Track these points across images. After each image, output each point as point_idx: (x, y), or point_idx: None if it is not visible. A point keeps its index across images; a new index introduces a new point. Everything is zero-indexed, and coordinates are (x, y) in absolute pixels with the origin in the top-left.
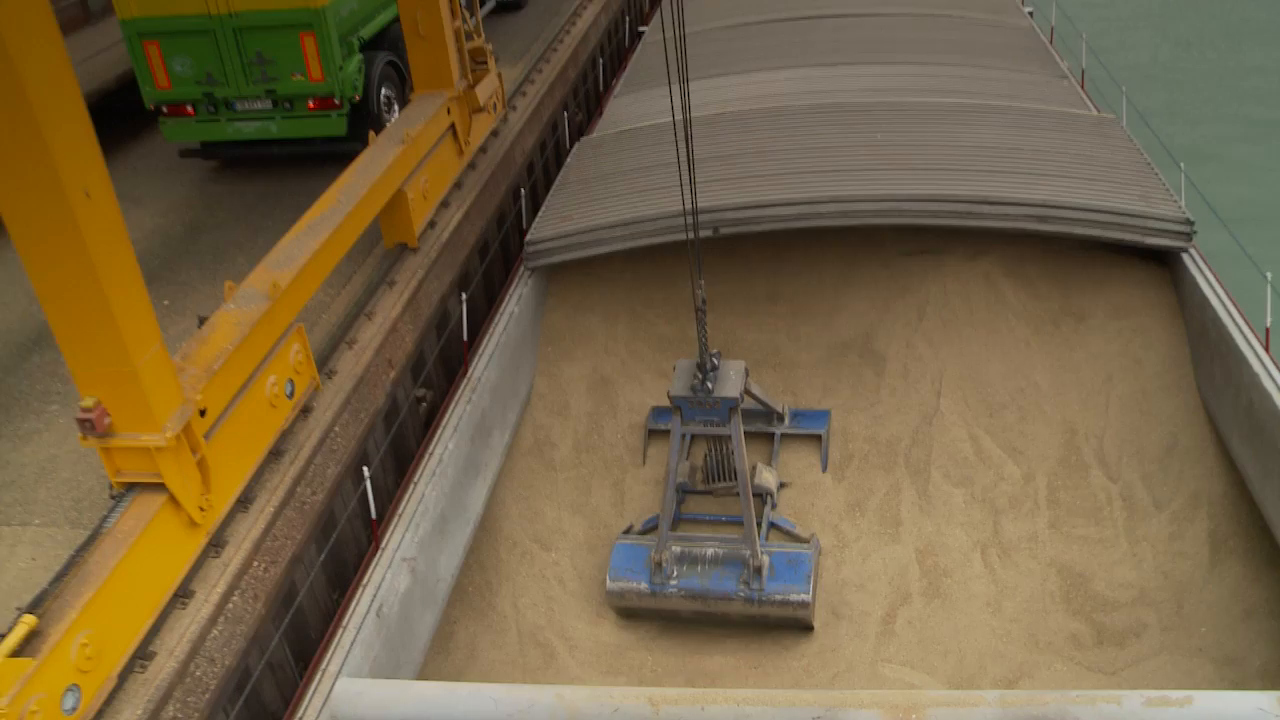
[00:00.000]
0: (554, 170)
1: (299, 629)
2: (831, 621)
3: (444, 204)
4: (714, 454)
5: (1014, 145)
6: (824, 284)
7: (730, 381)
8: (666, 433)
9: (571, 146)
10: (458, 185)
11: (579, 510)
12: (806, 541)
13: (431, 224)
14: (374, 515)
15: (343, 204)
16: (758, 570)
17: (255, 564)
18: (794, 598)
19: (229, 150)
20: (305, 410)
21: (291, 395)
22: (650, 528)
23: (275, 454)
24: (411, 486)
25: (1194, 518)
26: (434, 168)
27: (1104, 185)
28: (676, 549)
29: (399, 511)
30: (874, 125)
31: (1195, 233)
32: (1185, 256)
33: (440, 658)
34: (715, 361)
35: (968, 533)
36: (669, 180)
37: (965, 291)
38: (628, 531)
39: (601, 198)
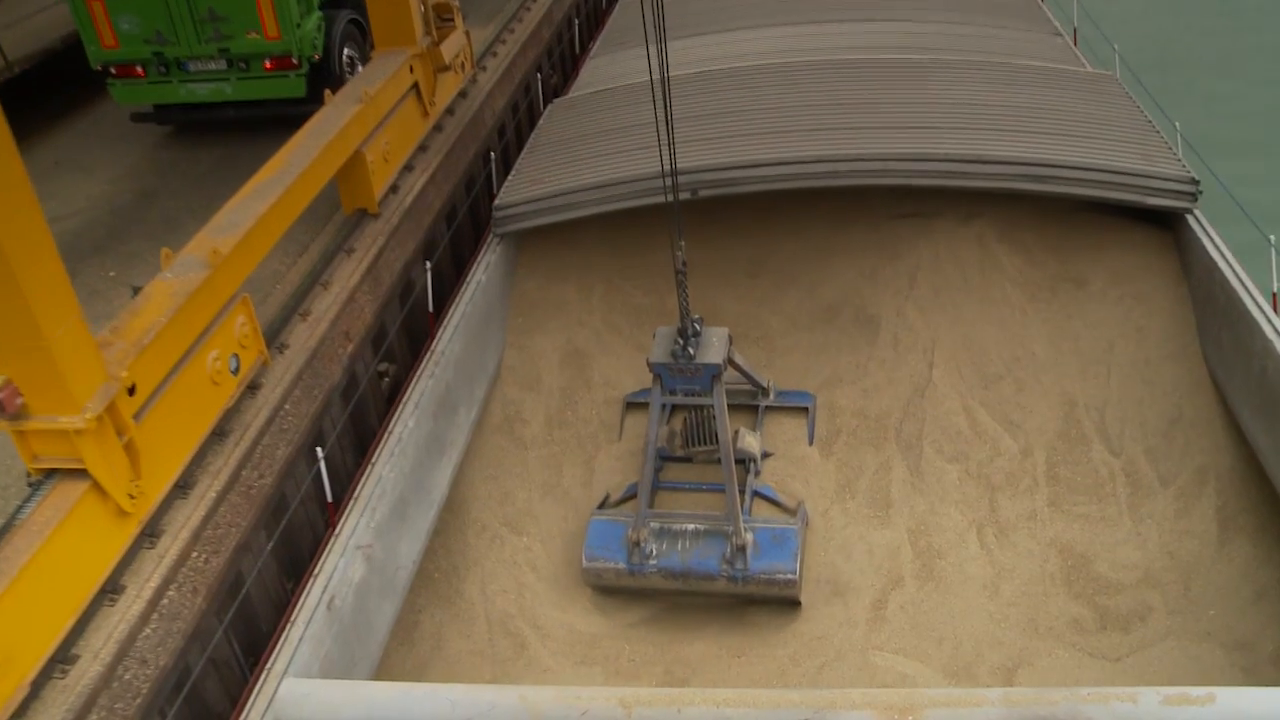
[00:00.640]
0: (526, 134)
1: (248, 623)
2: (819, 607)
3: (407, 168)
4: (694, 418)
5: (1007, 103)
6: (809, 250)
7: (713, 348)
8: (645, 406)
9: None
10: (422, 148)
11: (551, 490)
12: (792, 512)
13: (394, 189)
14: (330, 499)
15: (293, 166)
16: (741, 549)
17: (195, 554)
18: (780, 577)
19: (183, 114)
20: (252, 387)
21: (236, 371)
22: (629, 496)
23: (219, 435)
24: (369, 468)
25: (1201, 494)
26: (396, 129)
27: (1102, 143)
28: (655, 525)
29: (354, 495)
30: (861, 83)
31: (1201, 193)
32: (1189, 218)
33: (404, 650)
34: (697, 327)
35: (962, 511)
36: (646, 141)
37: (958, 256)
38: (604, 504)
39: (574, 160)
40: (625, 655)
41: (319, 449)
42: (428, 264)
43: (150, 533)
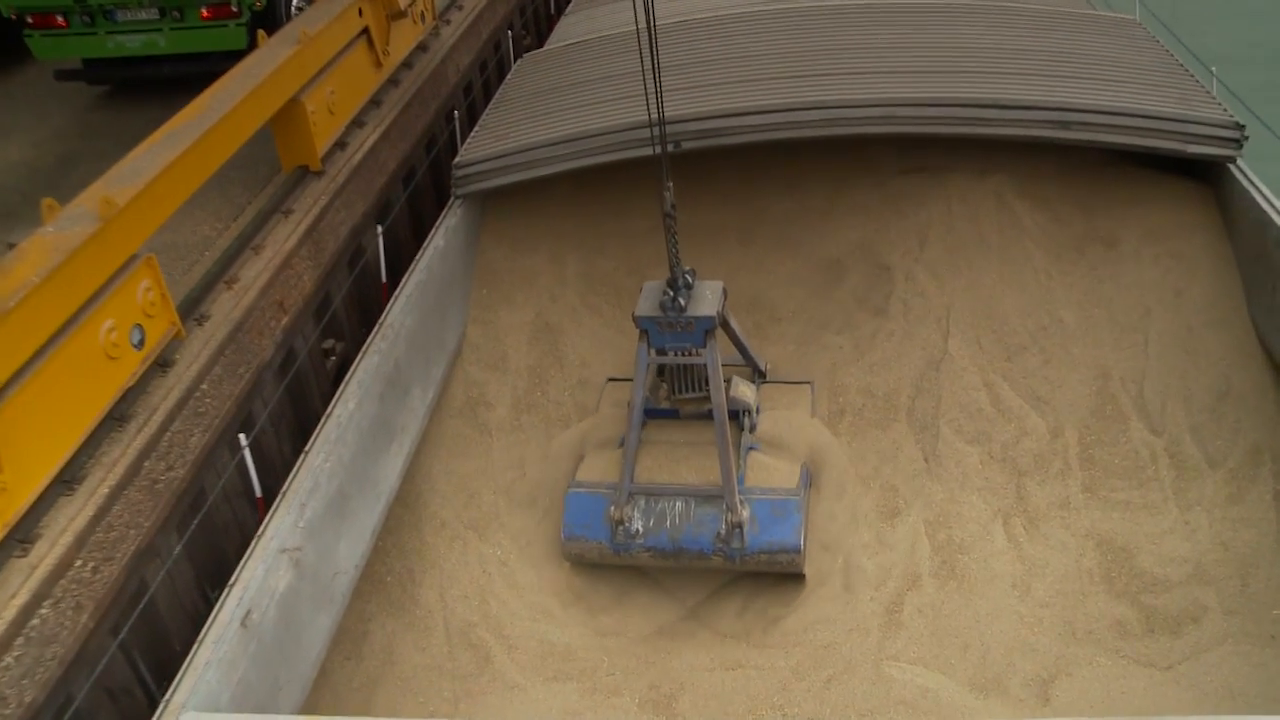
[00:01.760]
0: (495, 92)
1: (156, 642)
2: (825, 611)
3: (357, 123)
4: (680, 371)
5: (1024, 46)
6: (807, 213)
7: (706, 300)
8: (628, 381)
9: None
10: (375, 103)
11: (519, 482)
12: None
13: (341, 145)
14: (259, 494)
15: (213, 110)
16: (738, 526)
17: (80, 562)
18: (783, 556)
19: (114, 71)
20: (162, 364)
21: (140, 345)
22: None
23: (117, 419)
24: (301, 458)
25: (1256, 476)
26: (343, 78)
27: (1133, 88)
28: (641, 501)
29: (282, 491)
30: (861, 28)
31: (1246, 139)
32: (1232, 169)
33: (350, 665)
34: (689, 279)
35: (986, 500)
36: (623, 91)
37: (973, 214)
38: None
39: (545, 113)
40: (604, 669)
41: (242, 435)
42: (379, 229)
43: (20, 538)
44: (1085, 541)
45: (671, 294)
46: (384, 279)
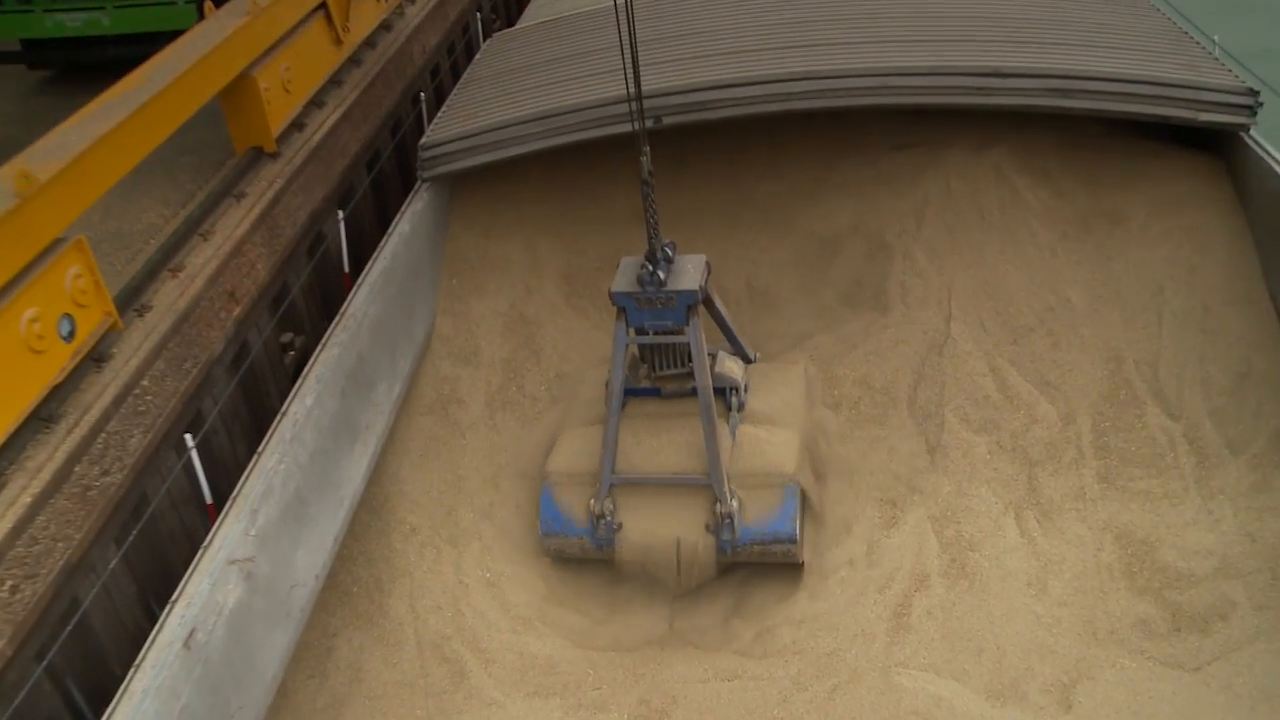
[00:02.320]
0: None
1: (91, 667)
2: (827, 616)
3: (316, 104)
4: (662, 349)
5: (1022, 15)
6: (795, 192)
7: (688, 274)
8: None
9: None
10: (335, 83)
11: (493, 482)
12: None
13: (298, 126)
14: (209, 500)
15: (154, 82)
16: (728, 517)
17: None
18: (777, 546)
19: (54, 53)
20: (97, 359)
21: (70, 337)
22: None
23: (44, 420)
24: (253, 460)
25: None
26: (299, 54)
27: (1139, 54)
28: (622, 492)
29: (231, 496)
30: None
31: (1261, 105)
32: (1245, 137)
33: (313, 684)
34: (669, 252)
35: (996, 492)
36: (597, 67)
37: (973, 190)
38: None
39: (517, 91)
40: (590, 683)
41: (189, 436)
42: (340, 214)
43: None
44: (1103, 534)
45: (650, 268)
46: (346, 268)
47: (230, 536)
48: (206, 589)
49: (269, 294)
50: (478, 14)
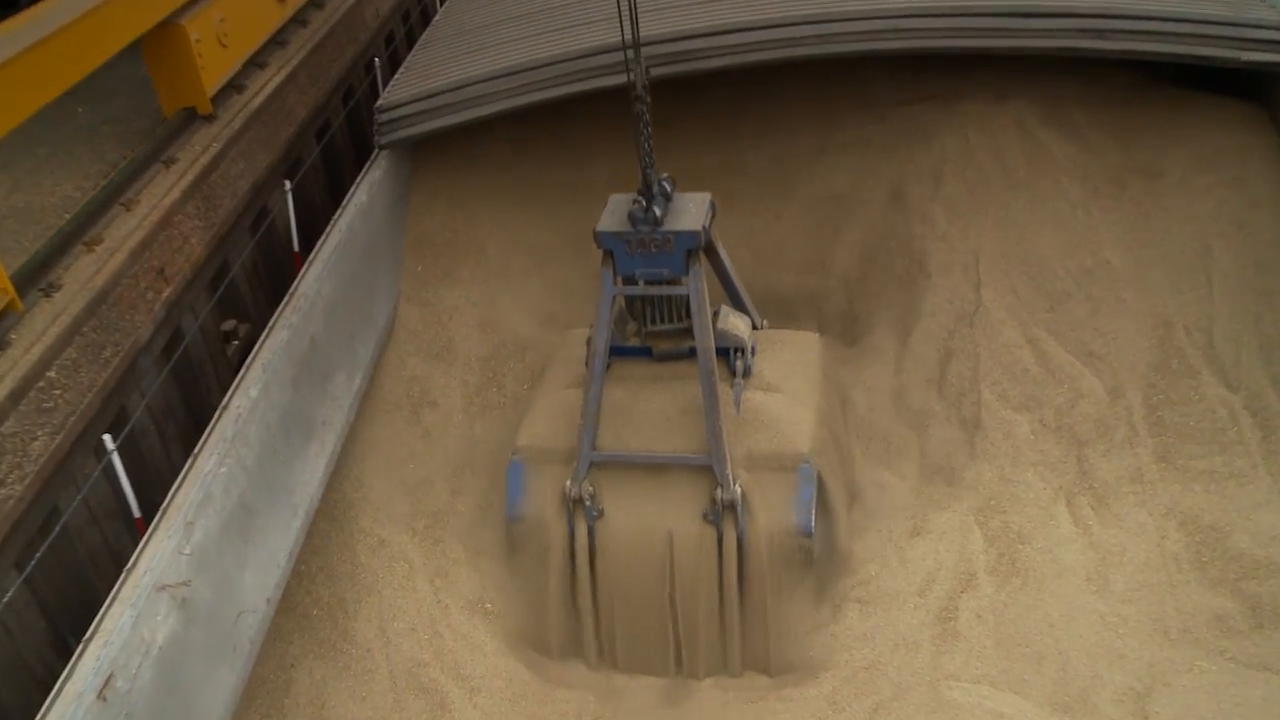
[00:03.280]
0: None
1: None
2: (860, 622)
3: (258, 64)
4: (655, 302)
5: None
6: (796, 153)
7: (689, 213)
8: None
9: None
10: (279, 43)
11: (473, 486)
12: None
13: (237, 87)
14: (138, 513)
15: (50, 21)
16: (729, 506)
17: None
18: (790, 541)
19: None
20: None
21: None
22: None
23: None
24: (188, 463)
25: None
26: (236, 5)
27: None
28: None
29: (161, 508)
30: None
31: None
32: None
33: None
34: (666, 187)
35: (1044, 477)
36: (573, 19)
37: (994, 145)
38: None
39: (484, 47)
40: (591, 712)
41: (109, 438)
42: (288, 185)
43: None
44: (1166, 521)
45: (644, 203)
46: (296, 247)
47: (160, 556)
48: (129, 623)
49: (206, 273)
50: None
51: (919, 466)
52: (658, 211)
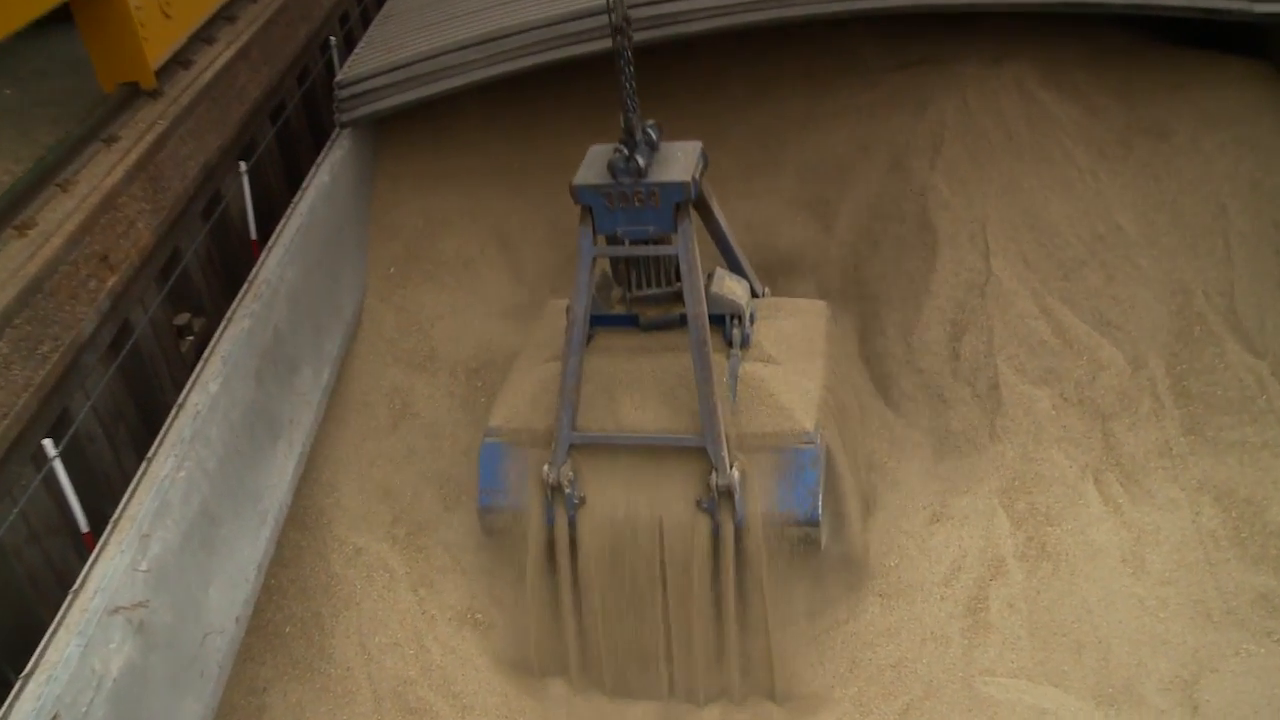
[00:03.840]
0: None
1: None
2: (883, 617)
3: (205, 39)
4: (641, 264)
5: None
6: (786, 122)
7: (678, 163)
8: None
9: None
10: (228, 18)
11: (458, 485)
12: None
13: (184, 63)
14: (85, 527)
15: None
16: (726, 491)
17: None
18: (793, 530)
19: None
20: None
21: None
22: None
23: None
24: (141, 468)
25: None
26: None
27: None
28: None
29: (112, 520)
30: None
31: None
32: None
33: None
34: (652, 135)
35: (1069, 455)
36: None
37: (995, 108)
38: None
39: (450, 17)
40: None
41: (49, 443)
42: (243, 166)
43: None
44: (1200, 496)
45: (626, 153)
46: (253, 234)
47: (112, 575)
48: (76, 653)
49: (155, 261)
50: None
51: (935, 447)
52: (641, 161)
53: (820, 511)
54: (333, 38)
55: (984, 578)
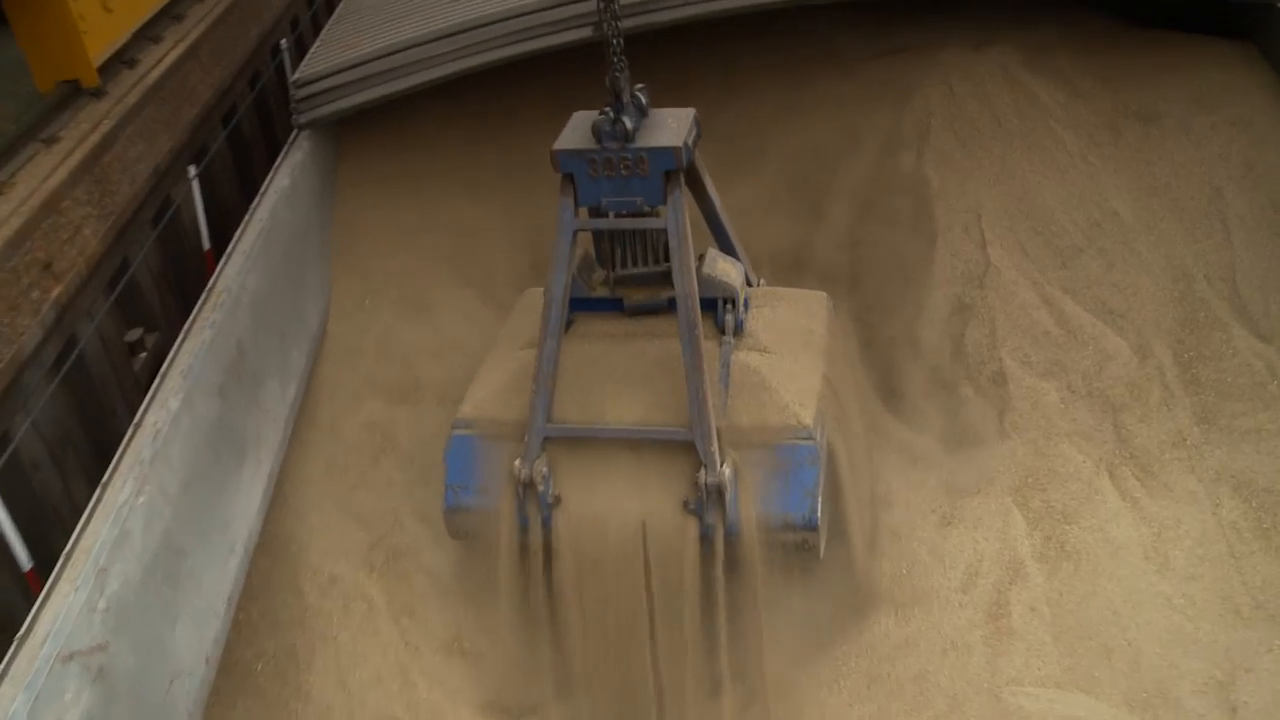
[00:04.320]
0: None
1: None
2: (897, 629)
3: (151, 38)
4: (626, 240)
5: None
6: (763, 114)
7: (668, 128)
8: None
9: None
10: (174, 17)
11: (438, 518)
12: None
13: (128, 62)
14: (27, 565)
15: None
16: (716, 490)
17: None
18: (789, 535)
19: None
20: None
21: None
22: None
23: None
24: (96, 494)
25: None
26: None
27: None
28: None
29: (64, 553)
30: None
31: None
32: None
33: None
34: (641, 99)
35: (1081, 449)
36: None
37: (981, 93)
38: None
39: (411, 13)
40: None
41: None
42: (192, 170)
43: None
44: (1218, 486)
45: (612, 115)
46: (206, 244)
47: (65, 616)
48: (23, 708)
49: (104, 271)
50: None
51: (942, 445)
52: (628, 124)
53: (819, 515)
54: (284, 40)
55: (1003, 581)
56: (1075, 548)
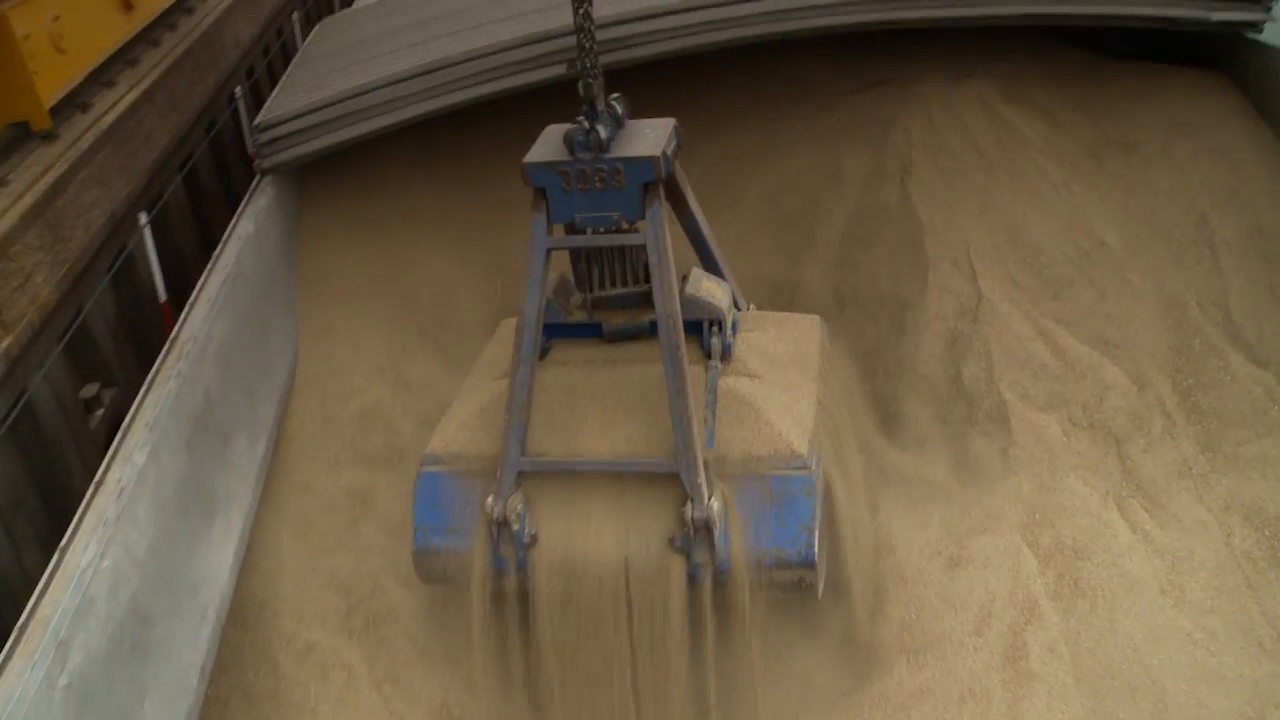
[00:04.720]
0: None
1: None
2: (910, 676)
3: (104, 82)
4: (604, 259)
5: None
6: (740, 152)
7: (646, 138)
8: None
9: None
10: (129, 62)
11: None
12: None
13: (81, 105)
14: None
15: None
16: (704, 526)
17: None
18: (784, 573)
19: None
20: None
21: None
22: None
23: None
24: (55, 559)
25: None
26: (74, 8)
27: None
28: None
29: (18, 624)
30: None
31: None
32: (1256, 38)
33: None
34: (617, 108)
35: (1088, 482)
36: (488, 16)
37: (961, 126)
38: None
39: (377, 56)
40: None
41: None
42: (143, 218)
43: None
44: (1228, 516)
45: (587, 125)
46: (163, 296)
47: (20, 697)
48: None
49: (58, 322)
50: (293, 17)
51: (944, 483)
52: (603, 133)
53: (817, 550)
54: (239, 88)
55: (1018, 622)
56: (1090, 584)
